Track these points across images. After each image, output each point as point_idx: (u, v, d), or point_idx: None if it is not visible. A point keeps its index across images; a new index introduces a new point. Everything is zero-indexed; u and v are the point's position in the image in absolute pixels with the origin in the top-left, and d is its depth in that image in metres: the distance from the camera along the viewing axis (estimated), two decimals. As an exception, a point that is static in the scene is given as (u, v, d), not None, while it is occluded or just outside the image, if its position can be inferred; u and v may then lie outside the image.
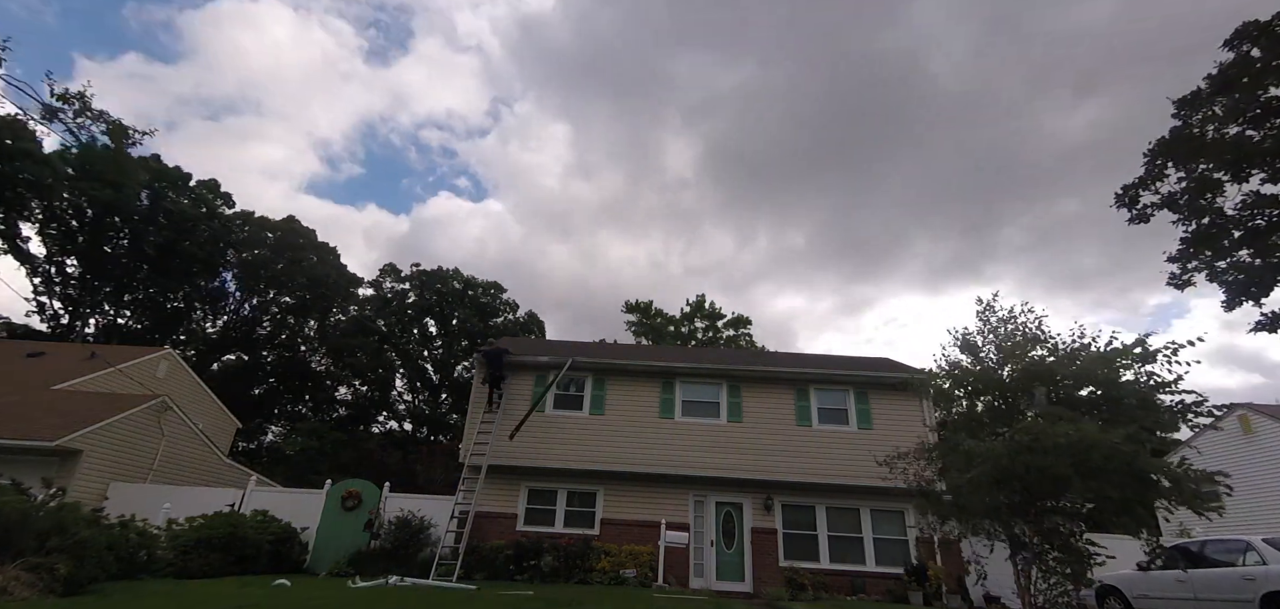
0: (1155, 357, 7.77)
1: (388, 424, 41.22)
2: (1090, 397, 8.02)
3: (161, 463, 15.65)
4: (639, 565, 12.51)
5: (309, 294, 36.95)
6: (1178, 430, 8.21)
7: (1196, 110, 16.41)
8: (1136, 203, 17.85)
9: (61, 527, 7.59)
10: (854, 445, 14.17)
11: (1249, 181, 16.05)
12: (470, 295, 42.09)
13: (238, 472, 18.65)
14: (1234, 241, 16.22)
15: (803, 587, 12.11)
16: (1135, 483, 7.04)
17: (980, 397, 8.88)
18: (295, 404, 39.13)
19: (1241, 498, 15.86)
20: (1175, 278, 17.52)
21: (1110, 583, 10.62)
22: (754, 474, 13.96)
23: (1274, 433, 16.74)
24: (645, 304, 43.45)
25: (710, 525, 13.83)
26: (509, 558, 12.58)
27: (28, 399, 14.86)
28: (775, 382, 15.20)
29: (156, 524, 11.29)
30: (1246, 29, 15.58)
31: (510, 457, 13.95)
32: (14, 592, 6.59)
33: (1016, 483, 7.64)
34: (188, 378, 21.48)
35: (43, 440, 12.65)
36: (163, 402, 16.08)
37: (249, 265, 36.07)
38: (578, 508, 14.02)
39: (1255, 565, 8.45)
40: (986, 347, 9.19)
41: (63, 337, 29.94)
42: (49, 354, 19.42)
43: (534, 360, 15.39)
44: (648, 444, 14.34)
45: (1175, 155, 16.54)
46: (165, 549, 10.58)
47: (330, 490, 13.83)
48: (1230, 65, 15.65)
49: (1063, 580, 7.70)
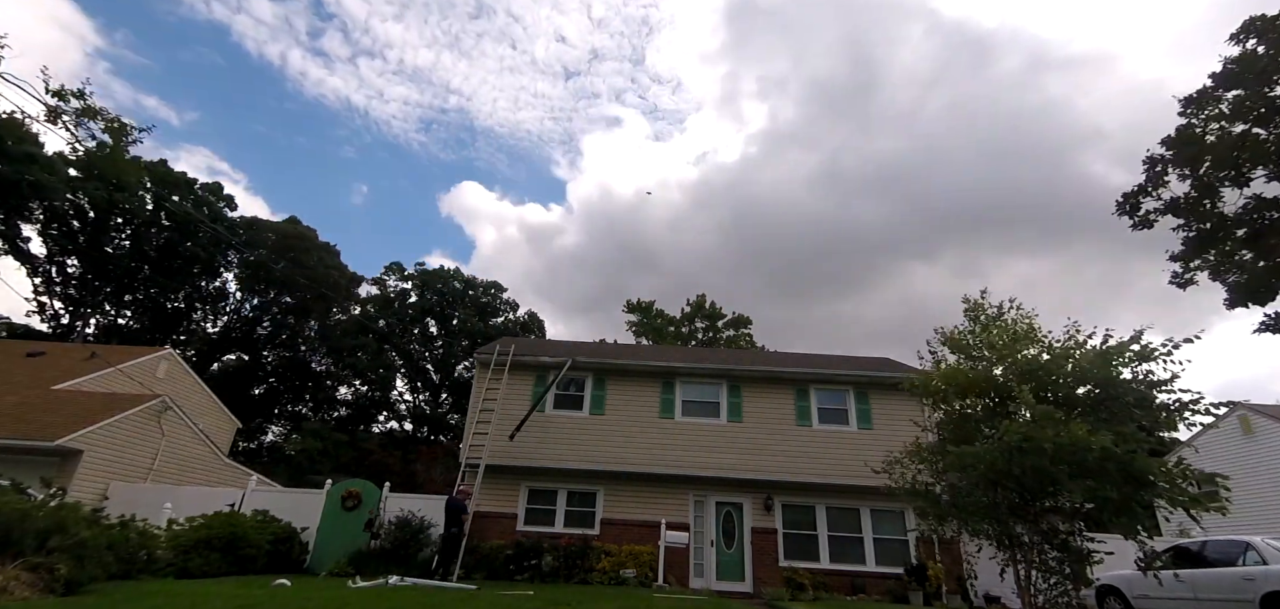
0: (1152, 355, 7.73)
1: (388, 424, 41.28)
2: (1087, 396, 7.98)
3: (162, 463, 15.67)
4: (639, 565, 12.51)
5: (309, 294, 36.97)
6: (1177, 429, 8.18)
7: (1202, 109, 16.39)
8: (1138, 209, 17.85)
9: (62, 526, 7.59)
10: (854, 445, 14.18)
11: (1249, 185, 16.04)
12: (470, 295, 42.14)
13: (238, 472, 18.67)
14: (1236, 243, 16.22)
15: (803, 587, 12.11)
16: (1132, 483, 7.03)
17: (973, 396, 8.83)
18: (296, 404, 39.18)
19: (1241, 498, 15.86)
20: (1177, 277, 17.53)
21: (1110, 583, 10.62)
22: (754, 474, 13.96)
23: (1274, 433, 16.74)
24: (646, 304, 43.45)
25: (710, 525, 13.83)
26: (509, 558, 12.59)
27: (28, 399, 14.87)
28: (775, 381, 15.20)
29: (157, 524, 11.28)
30: (1253, 23, 15.52)
31: (510, 457, 13.95)
32: (14, 592, 6.59)
33: (1012, 483, 7.63)
34: (188, 378, 21.49)
35: (43, 440, 12.67)
36: (163, 402, 16.09)
37: (250, 266, 36.11)
38: (578, 508, 14.02)
39: (1255, 565, 8.45)
40: (978, 345, 9.14)
41: (63, 337, 29.97)
42: (49, 354, 19.42)
43: (534, 360, 15.39)
44: (648, 444, 14.34)
45: (1178, 157, 16.52)
46: (165, 549, 10.58)
47: (330, 490, 13.82)
48: (1236, 60, 15.60)
49: (1062, 580, 7.69)
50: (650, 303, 43.55)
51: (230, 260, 36.24)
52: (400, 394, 42.06)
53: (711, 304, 42.73)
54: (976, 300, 9.70)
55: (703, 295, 43.16)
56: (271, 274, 35.94)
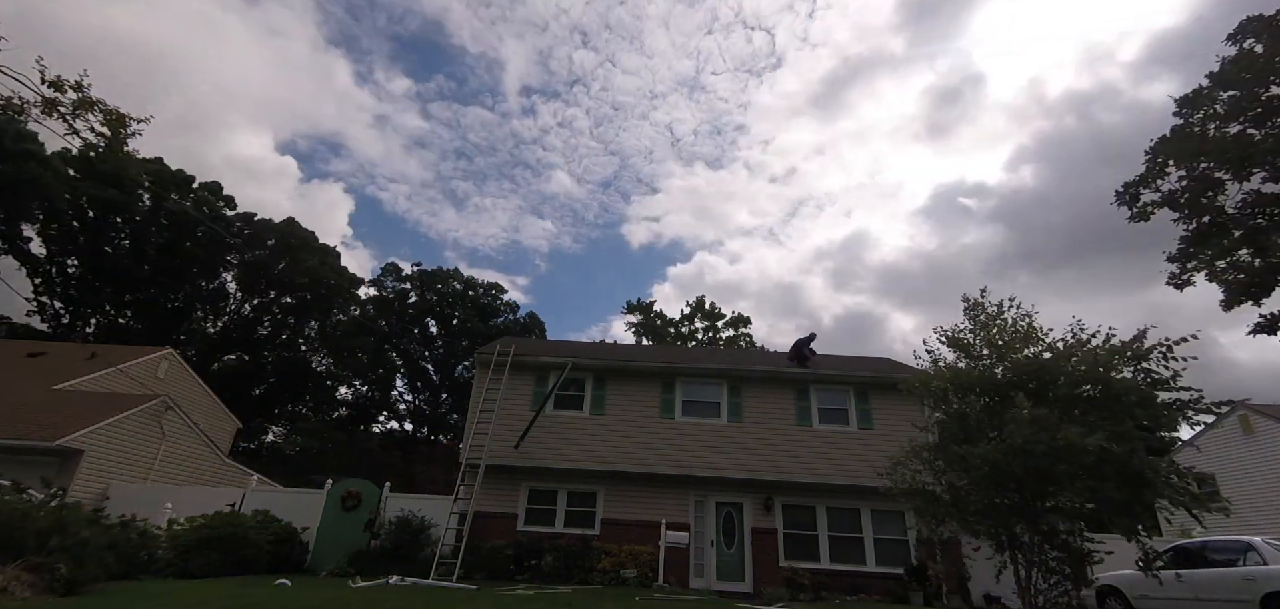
0: (1150, 354, 7.73)
1: (388, 424, 41.30)
2: (1088, 396, 7.97)
3: (162, 463, 15.67)
4: (639, 565, 12.51)
5: (309, 294, 36.96)
6: (1177, 429, 8.17)
7: (1198, 108, 16.40)
8: (1137, 200, 17.87)
9: (62, 527, 7.58)
10: (854, 445, 14.18)
11: (1249, 181, 16.04)
12: (470, 295, 42.10)
13: (238, 472, 18.68)
14: (1234, 240, 16.22)
15: (803, 587, 12.10)
16: (1131, 483, 7.03)
17: (973, 396, 8.81)
18: (296, 404, 39.17)
19: (1242, 498, 15.89)
20: (1175, 277, 17.54)
21: (1110, 583, 10.62)
22: (754, 474, 13.95)
23: (1274, 433, 16.74)
24: (646, 304, 43.48)
25: (710, 526, 13.83)
26: (509, 558, 12.58)
27: (28, 399, 14.87)
28: (776, 382, 15.20)
29: (157, 524, 11.30)
30: (1250, 24, 15.53)
31: (511, 457, 13.94)
32: (14, 592, 6.59)
33: (1013, 484, 7.63)
34: (188, 378, 21.49)
35: (43, 440, 12.67)
36: (163, 402, 16.08)
37: (250, 266, 36.09)
38: (578, 508, 14.01)
39: (1256, 566, 8.45)
40: (978, 344, 9.12)
41: (63, 337, 29.96)
42: (49, 354, 19.43)
43: (534, 361, 15.38)
44: (648, 444, 14.33)
45: (1176, 154, 16.53)
46: (166, 549, 10.59)
47: (330, 490, 13.82)
48: (1233, 61, 15.60)
49: (1062, 580, 7.69)
50: (650, 303, 43.60)
51: (230, 260, 36.21)
52: (400, 394, 42.07)
53: (711, 304, 42.79)
54: (977, 299, 9.66)
55: (702, 296, 43.27)
56: (271, 274, 35.93)
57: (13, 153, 25.22)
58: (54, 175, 26.95)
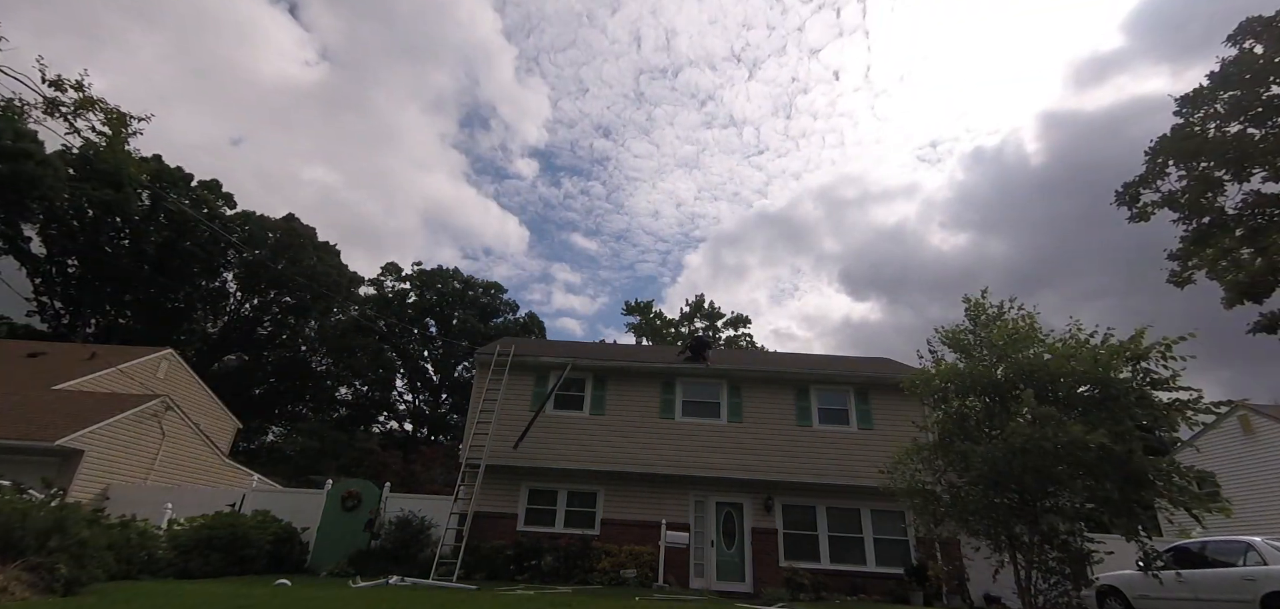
0: (1148, 353, 7.72)
1: (388, 424, 41.31)
2: (1088, 395, 7.97)
3: (162, 463, 15.67)
4: (639, 566, 12.50)
5: (309, 294, 36.95)
6: (1177, 428, 8.17)
7: (1198, 108, 16.40)
8: (1137, 200, 17.86)
9: (62, 527, 7.57)
10: (854, 446, 14.18)
11: (1249, 181, 16.05)
12: (470, 295, 42.10)
13: (238, 472, 18.68)
14: (1234, 240, 16.23)
15: (803, 587, 12.10)
16: (1132, 482, 7.03)
17: (973, 396, 8.81)
18: (295, 404, 39.17)
19: (1242, 498, 15.88)
20: (1175, 276, 17.54)
21: (1110, 583, 10.61)
22: (754, 474, 13.94)
23: (1274, 433, 16.73)
24: (645, 305, 43.46)
25: (710, 526, 13.82)
26: (509, 558, 12.58)
27: (28, 399, 14.86)
28: (776, 382, 15.19)
29: (157, 524, 11.30)
30: (1250, 24, 15.52)
31: (510, 457, 13.93)
32: (14, 592, 6.58)
33: (1013, 483, 7.62)
34: (188, 378, 21.48)
35: (43, 441, 12.66)
36: (163, 402, 16.08)
37: (249, 265, 36.08)
38: (578, 508, 14.01)
39: (1256, 566, 8.45)
40: (979, 345, 9.11)
41: (63, 337, 29.95)
42: (49, 354, 19.41)
43: (535, 361, 15.38)
44: (648, 445, 14.32)
45: (1176, 154, 16.54)
46: (166, 549, 10.57)
47: (330, 490, 13.82)
48: (1233, 61, 15.60)
49: (1062, 580, 7.68)
50: (649, 303, 43.59)
51: (229, 260, 36.20)
52: (400, 394, 42.07)
53: (711, 304, 42.77)
54: (977, 299, 9.65)
55: (701, 295, 43.27)
56: (271, 273, 35.92)
57: (12, 152, 25.21)
58: (53, 175, 26.95)
